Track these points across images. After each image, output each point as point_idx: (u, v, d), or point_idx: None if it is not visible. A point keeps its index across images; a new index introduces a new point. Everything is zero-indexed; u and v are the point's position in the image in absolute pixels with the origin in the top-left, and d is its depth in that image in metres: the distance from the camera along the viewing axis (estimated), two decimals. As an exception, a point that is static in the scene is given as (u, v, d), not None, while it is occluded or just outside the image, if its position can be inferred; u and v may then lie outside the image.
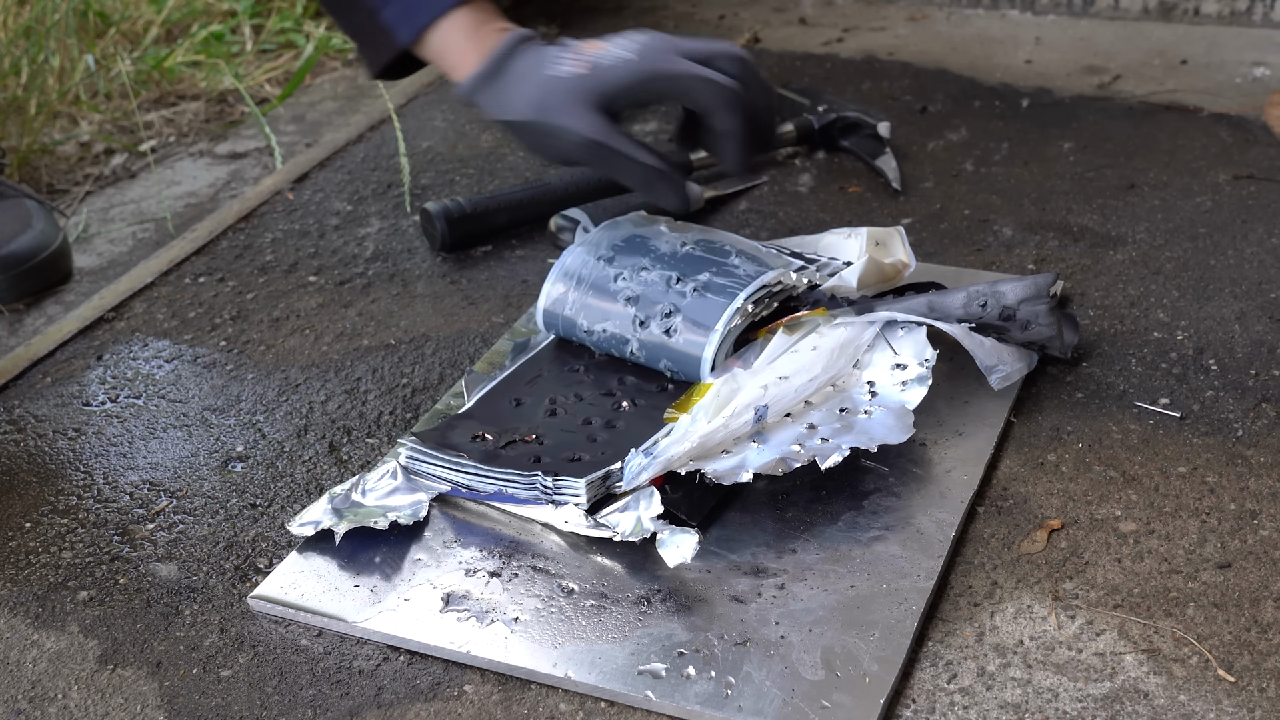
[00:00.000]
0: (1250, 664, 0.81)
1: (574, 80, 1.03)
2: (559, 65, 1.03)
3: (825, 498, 0.95)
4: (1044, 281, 1.03)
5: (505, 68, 1.05)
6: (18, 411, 1.13)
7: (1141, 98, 1.61)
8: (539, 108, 1.03)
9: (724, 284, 1.04)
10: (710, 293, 1.03)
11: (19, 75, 1.61)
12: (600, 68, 1.03)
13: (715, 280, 1.04)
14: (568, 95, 1.02)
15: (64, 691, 0.84)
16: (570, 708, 0.81)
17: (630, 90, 1.03)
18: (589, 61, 1.03)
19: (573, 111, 1.02)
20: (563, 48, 1.05)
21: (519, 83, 1.04)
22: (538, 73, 1.04)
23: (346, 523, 0.92)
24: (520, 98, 1.04)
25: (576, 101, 1.02)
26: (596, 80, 1.03)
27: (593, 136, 1.02)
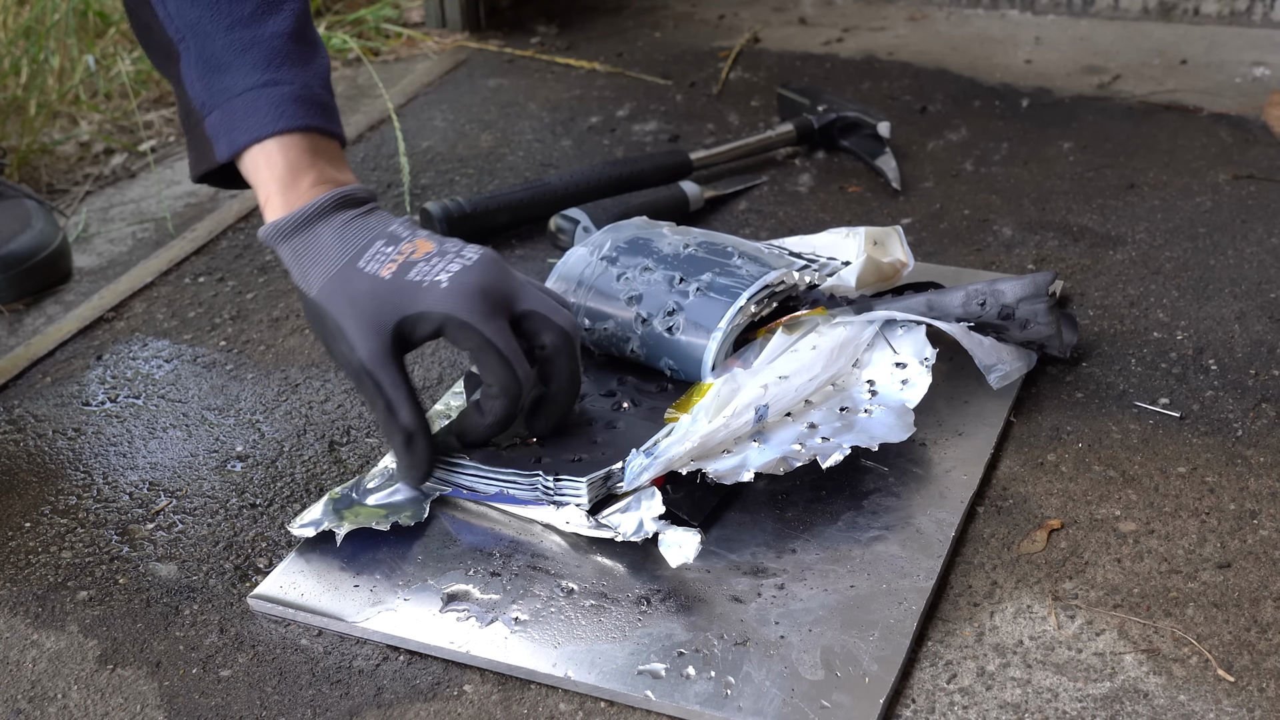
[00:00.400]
0: (1250, 664, 0.81)
1: (373, 284, 0.89)
2: (370, 255, 0.90)
3: (825, 497, 0.95)
4: (1043, 280, 1.03)
5: (313, 229, 0.91)
6: (17, 411, 1.13)
7: (1141, 98, 1.61)
8: (326, 294, 0.90)
9: (727, 284, 1.04)
10: (713, 292, 1.03)
11: (19, 75, 1.61)
12: (404, 284, 0.89)
13: (718, 280, 1.04)
14: (361, 297, 0.89)
15: (64, 691, 0.84)
16: (570, 707, 0.81)
17: (429, 323, 0.89)
18: (402, 266, 0.90)
19: (357, 318, 0.89)
20: (385, 237, 0.91)
21: (322, 254, 0.91)
22: (346, 251, 0.90)
23: (347, 524, 0.92)
24: (315, 271, 0.91)
25: (366, 309, 0.89)
26: (398, 295, 0.89)
27: (361, 356, 0.89)
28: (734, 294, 1.03)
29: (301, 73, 0.93)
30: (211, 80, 0.92)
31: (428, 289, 0.89)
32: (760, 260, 1.06)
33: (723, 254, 1.07)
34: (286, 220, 0.91)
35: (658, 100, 1.68)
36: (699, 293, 1.03)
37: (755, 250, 1.08)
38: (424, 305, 0.89)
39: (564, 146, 1.56)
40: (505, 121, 1.64)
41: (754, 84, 1.72)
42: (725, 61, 1.79)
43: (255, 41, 0.92)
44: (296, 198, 0.92)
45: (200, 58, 0.92)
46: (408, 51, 1.92)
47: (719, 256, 1.06)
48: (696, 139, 1.56)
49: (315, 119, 0.93)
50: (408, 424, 0.91)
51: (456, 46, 1.90)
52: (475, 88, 1.75)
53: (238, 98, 0.91)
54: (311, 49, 0.95)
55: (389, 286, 0.89)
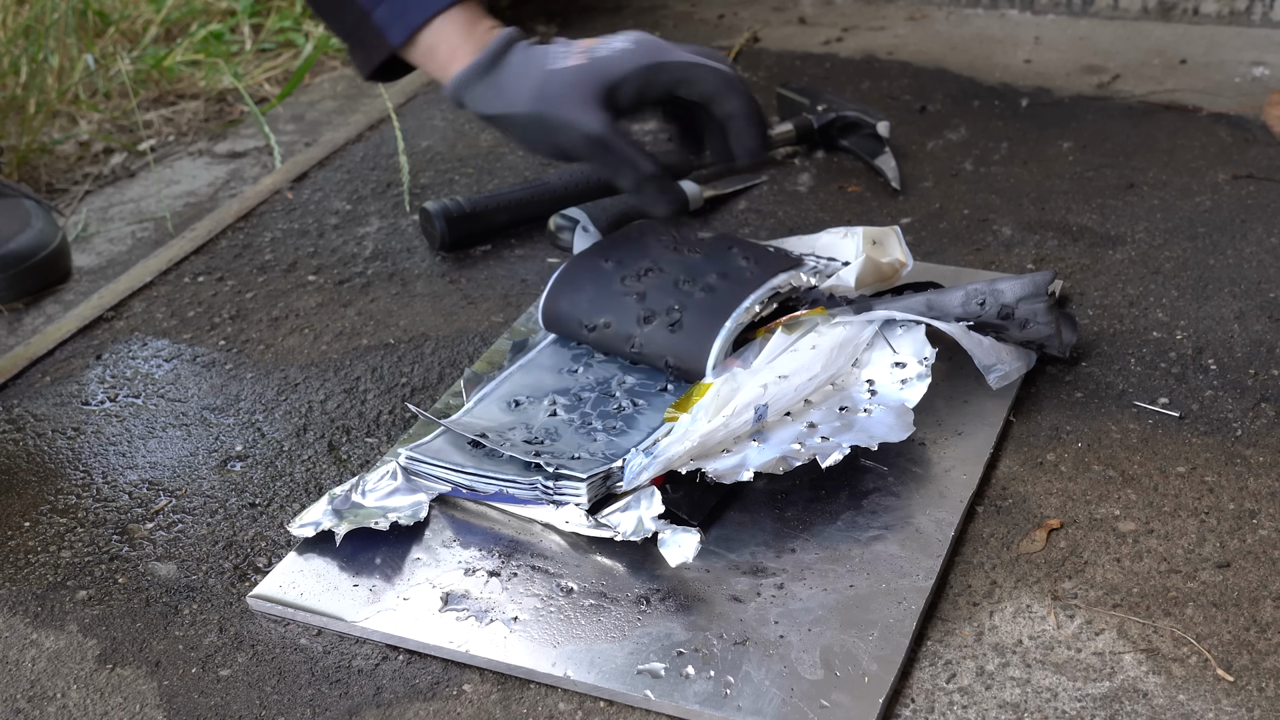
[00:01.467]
0: (1249, 663, 0.81)
1: (575, 72, 1.02)
2: (558, 59, 1.03)
3: (824, 497, 0.95)
4: (1042, 280, 1.03)
5: (502, 61, 1.04)
6: (17, 411, 1.13)
7: (1141, 97, 1.61)
8: (539, 100, 1.03)
9: (732, 285, 1.04)
10: (718, 293, 1.03)
11: (18, 74, 1.61)
12: (599, 59, 1.03)
13: (722, 282, 1.04)
14: (569, 88, 1.02)
15: (63, 691, 0.84)
16: (569, 707, 0.81)
17: (631, 81, 1.03)
18: (587, 54, 1.03)
19: (574, 105, 1.02)
20: (558, 44, 1.05)
21: (517, 76, 1.04)
22: (537, 66, 1.03)
23: (347, 524, 0.92)
24: (519, 91, 1.03)
25: (578, 95, 1.02)
26: (597, 72, 1.03)
27: (593, 131, 1.02)
28: (739, 295, 1.03)
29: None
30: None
31: (619, 55, 1.04)
32: (763, 262, 1.06)
33: (727, 256, 1.07)
34: (480, 59, 1.04)
35: (657, 100, 1.68)
36: (704, 292, 1.03)
37: (759, 253, 1.08)
38: (620, 67, 1.03)
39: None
40: (505, 121, 1.64)
41: (754, 84, 1.72)
42: (725, 61, 1.78)
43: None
44: (479, 45, 1.05)
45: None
46: (407, 51, 1.91)
47: (723, 258, 1.06)
48: (696, 138, 1.56)
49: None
50: (650, 167, 1.04)
51: (456, 46, 1.90)
52: (475, 87, 1.75)
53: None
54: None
55: (586, 69, 1.03)
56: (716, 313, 1.02)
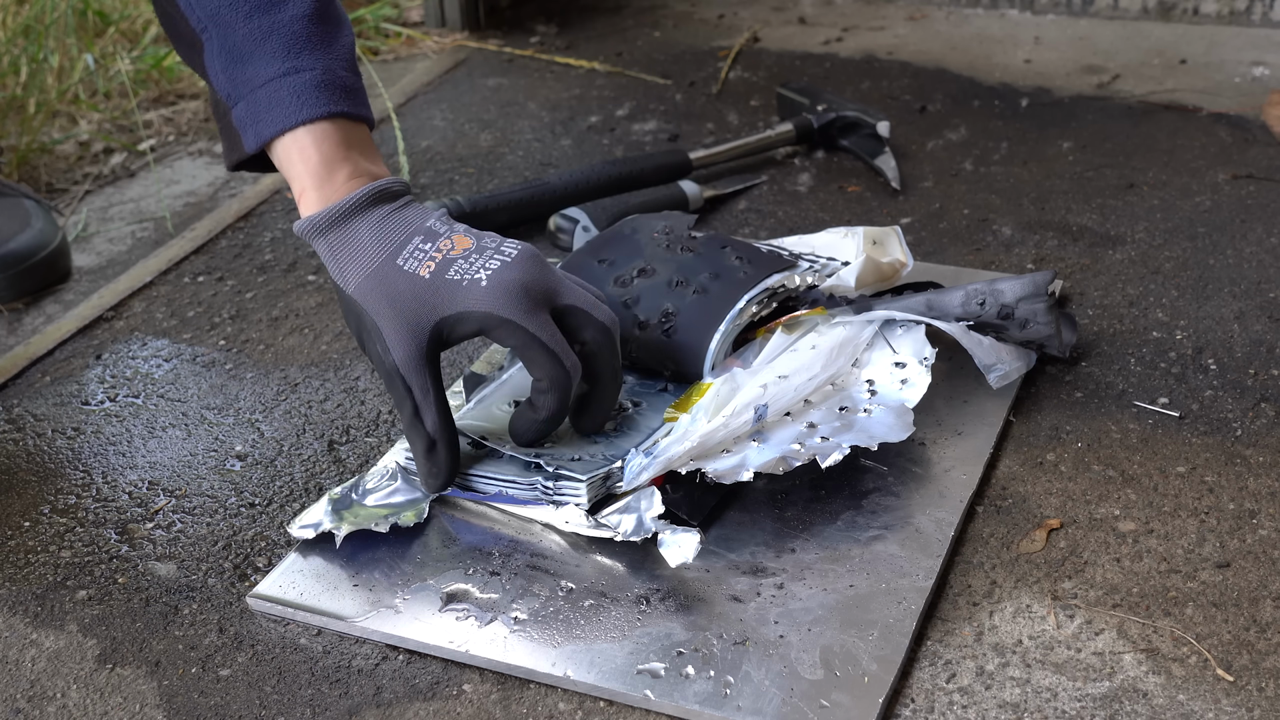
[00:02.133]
0: (1249, 663, 0.81)
1: (412, 282, 0.88)
2: (409, 253, 0.89)
3: (824, 497, 0.95)
4: (1042, 280, 1.03)
5: (350, 224, 0.90)
6: (16, 410, 1.13)
7: (1141, 97, 1.61)
8: (363, 291, 0.89)
9: (725, 286, 1.03)
10: (711, 294, 1.03)
11: (18, 74, 1.61)
12: (446, 283, 0.88)
13: (715, 283, 1.04)
14: (399, 296, 0.88)
15: (63, 690, 0.84)
16: (569, 707, 0.81)
17: (470, 322, 0.88)
18: (440, 269, 0.89)
19: (394, 317, 0.88)
20: (423, 233, 0.90)
21: (359, 250, 0.89)
22: (383, 247, 0.89)
23: (347, 525, 0.92)
24: (353, 267, 0.89)
25: (403, 308, 0.88)
26: (436, 294, 0.88)
27: (395, 362, 0.88)
28: (733, 296, 1.03)
29: (323, 56, 0.91)
30: (234, 71, 0.91)
31: (468, 288, 0.88)
32: (758, 261, 1.06)
33: (720, 255, 1.06)
34: (322, 215, 0.90)
35: (657, 100, 1.68)
36: (697, 294, 1.03)
37: (753, 252, 1.08)
38: (465, 305, 0.88)
39: (563, 146, 1.56)
40: (505, 121, 1.64)
41: (753, 83, 1.72)
42: (725, 61, 1.79)
43: (274, 28, 0.90)
44: (332, 191, 0.90)
45: (223, 48, 0.91)
46: (407, 51, 1.92)
47: (716, 258, 1.06)
48: (696, 138, 1.56)
49: (339, 104, 0.91)
50: (432, 431, 0.90)
51: (456, 46, 1.90)
52: (475, 87, 1.75)
53: (260, 89, 0.90)
54: (335, 28, 0.93)
55: (428, 286, 0.88)
56: (710, 316, 1.02)
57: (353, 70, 0.94)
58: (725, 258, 1.06)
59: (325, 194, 0.91)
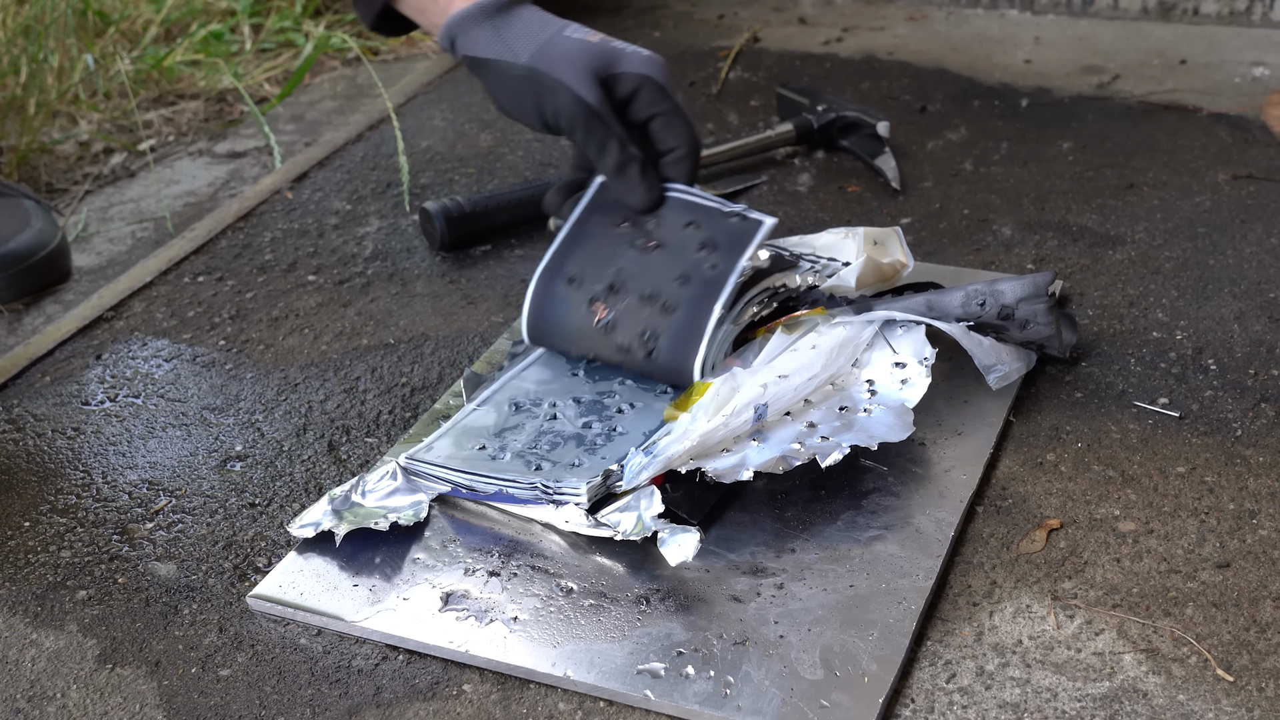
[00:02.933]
0: (1249, 663, 0.81)
1: (586, 44, 1.02)
2: (572, 29, 1.03)
3: (824, 497, 0.95)
4: (1042, 280, 1.03)
5: (514, 10, 1.03)
6: (17, 410, 1.13)
7: (1141, 97, 1.61)
8: (541, 56, 1.01)
9: (696, 291, 1.01)
10: (685, 307, 1.01)
11: (18, 74, 1.61)
12: (614, 47, 1.03)
13: (685, 289, 1.01)
14: (574, 54, 1.01)
15: (63, 690, 0.84)
16: (569, 707, 0.81)
17: (632, 80, 1.02)
18: (604, 38, 1.03)
19: (575, 71, 1.01)
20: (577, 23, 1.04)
21: (526, 27, 1.03)
22: (548, 26, 1.03)
23: (346, 524, 0.92)
24: (522, 41, 1.02)
25: (583, 64, 1.01)
26: (609, 54, 1.02)
27: (588, 99, 1.01)
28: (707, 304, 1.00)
29: None
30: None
31: (632, 54, 1.03)
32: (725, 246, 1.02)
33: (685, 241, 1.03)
34: (491, 2, 1.03)
35: (657, 100, 1.68)
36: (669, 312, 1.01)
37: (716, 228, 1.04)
38: (629, 66, 1.02)
39: (564, 146, 1.56)
40: (505, 121, 1.64)
41: (754, 84, 1.72)
42: (725, 61, 1.79)
43: None
44: None
45: None
46: (407, 51, 1.92)
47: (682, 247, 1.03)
48: (696, 138, 1.56)
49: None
50: (636, 153, 1.03)
51: (456, 46, 1.90)
52: (475, 87, 1.75)
53: None
54: None
55: (598, 47, 1.02)
56: (690, 331, 1.00)
57: None
58: (690, 247, 1.03)
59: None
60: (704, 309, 1.00)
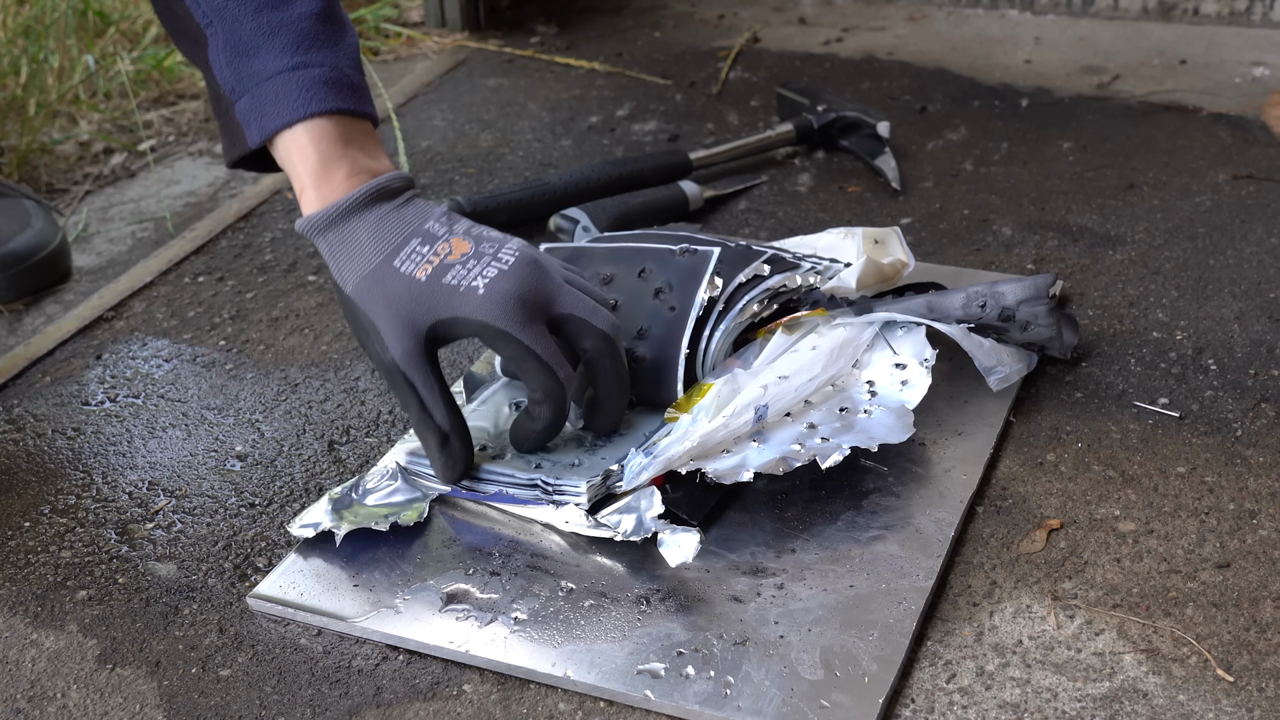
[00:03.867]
0: (1249, 664, 0.81)
1: (409, 284, 0.88)
2: (406, 255, 0.89)
3: (824, 497, 0.95)
4: (1043, 282, 1.03)
5: (348, 223, 0.90)
6: (17, 411, 1.13)
7: (1141, 98, 1.61)
8: (361, 292, 0.89)
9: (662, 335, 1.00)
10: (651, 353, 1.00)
11: (18, 74, 1.61)
12: (443, 287, 0.88)
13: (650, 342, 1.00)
14: (395, 297, 0.89)
15: (63, 691, 0.84)
16: (569, 707, 0.81)
17: (463, 328, 0.89)
18: (438, 272, 0.89)
19: (391, 318, 0.89)
20: (421, 235, 0.90)
21: (357, 250, 0.90)
22: (381, 248, 0.90)
23: (347, 524, 0.92)
24: (350, 267, 0.90)
25: (400, 309, 0.88)
26: (433, 298, 0.88)
27: (394, 356, 0.89)
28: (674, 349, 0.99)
29: (331, 54, 0.92)
30: (240, 65, 0.91)
31: (464, 294, 0.88)
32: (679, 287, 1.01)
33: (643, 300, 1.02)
34: (321, 215, 0.90)
35: (657, 100, 1.68)
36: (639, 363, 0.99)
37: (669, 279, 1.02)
38: (460, 311, 0.88)
39: (564, 146, 1.56)
40: (505, 121, 1.64)
41: (754, 84, 1.72)
42: (725, 61, 1.79)
43: (283, 24, 0.91)
44: (331, 190, 0.90)
45: (228, 43, 0.91)
46: (407, 51, 1.92)
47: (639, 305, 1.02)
48: (696, 139, 1.56)
49: (345, 101, 0.91)
50: (442, 424, 0.91)
51: (456, 46, 1.90)
52: (475, 87, 1.75)
53: (266, 82, 0.90)
54: (340, 28, 0.93)
55: (424, 289, 0.89)
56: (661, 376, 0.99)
57: (358, 69, 0.94)
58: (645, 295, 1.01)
59: (324, 193, 0.91)
60: (671, 351, 0.99)
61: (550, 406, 0.91)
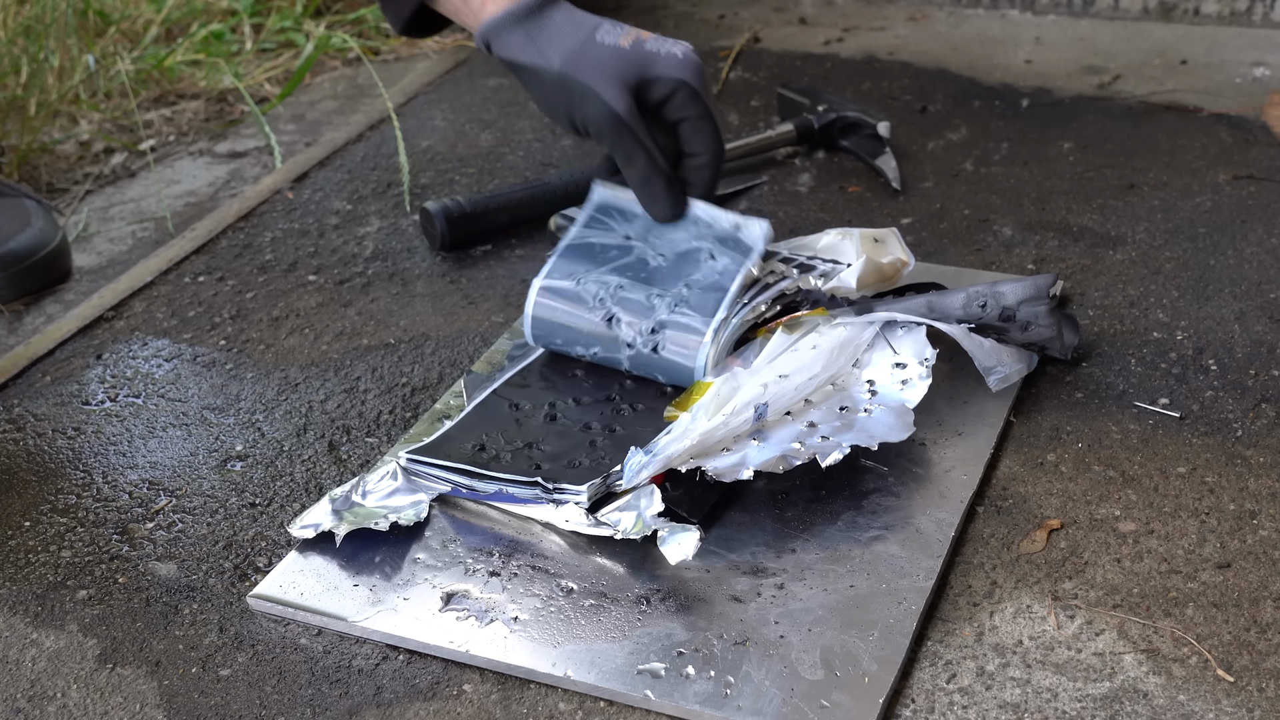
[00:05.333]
0: (1249, 664, 0.81)
1: (617, 51, 1.01)
2: (605, 34, 1.02)
3: (825, 497, 0.95)
4: (1044, 282, 1.03)
5: (544, 13, 1.03)
6: (17, 410, 1.13)
7: (1141, 98, 1.61)
8: (572, 63, 1.01)
9: (702, 293, 1.03)
10: (689, 306, 1.02)
11: (19, 74, 1.61)
12: (646, 52, 1.02)
13: (695, 291, 1.03)
14: (607, 61, 1.01)
15: (63, 690, 0.84)
16: (569, 707, 0.81)
17: (665, 86, 1.02)
18: (636, 42, 1.02)
19: (606, 79, 1.00)
20: (610, 21, 1.03)
21: (557, 31, 1.02)
22: (580, 29, 1.02)
23: (347, 524, 0.92)
24: (554, 47, 1.02)
25: (613, 71, 1.01)
26: (640, 60, 1.01)
27: (617, 109, 1.00)
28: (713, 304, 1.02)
29: None
30: None
31: (665, 57, 1.02)
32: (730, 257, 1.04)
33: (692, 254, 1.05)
34: (520, 6, 1.02)
35: (658, 100, 1.68)
36: (677, 308, 1.02)
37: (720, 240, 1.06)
38: (663, 70, 1.01)
39: (564, 146, 1.56)
40: (505, 121, 1.64)
41: (754, 84, 1.72)
42: (725, 61, 1.79)
43: None
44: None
45: None
46: (408, 51, 1.92)
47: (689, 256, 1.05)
48: (696, 139, 1.56)
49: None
50: (665, 167, 1.03)
51: (456, 46, 1.90)
52: (475, 87, 1.75)
53: None
54: None
55: (630, 53, 1.02)
56: (695, 329, 1.01)
57: None
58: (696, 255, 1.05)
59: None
60: (708, 307, 1.01)
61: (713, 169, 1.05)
